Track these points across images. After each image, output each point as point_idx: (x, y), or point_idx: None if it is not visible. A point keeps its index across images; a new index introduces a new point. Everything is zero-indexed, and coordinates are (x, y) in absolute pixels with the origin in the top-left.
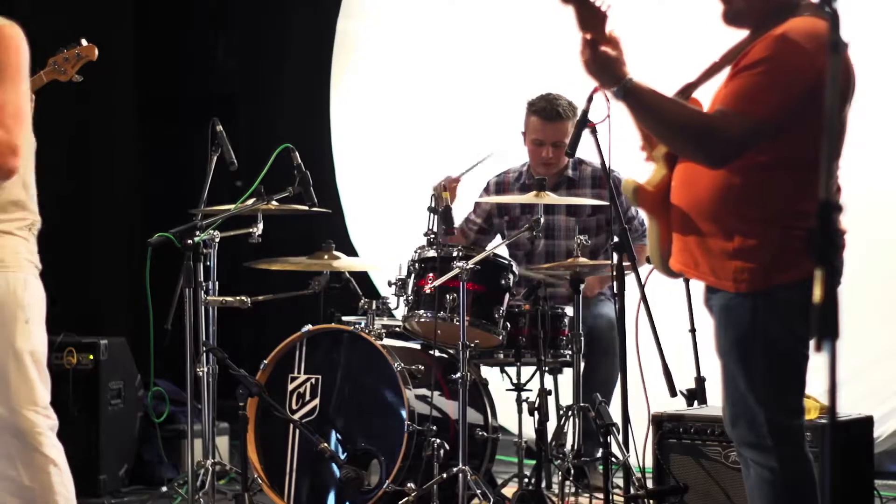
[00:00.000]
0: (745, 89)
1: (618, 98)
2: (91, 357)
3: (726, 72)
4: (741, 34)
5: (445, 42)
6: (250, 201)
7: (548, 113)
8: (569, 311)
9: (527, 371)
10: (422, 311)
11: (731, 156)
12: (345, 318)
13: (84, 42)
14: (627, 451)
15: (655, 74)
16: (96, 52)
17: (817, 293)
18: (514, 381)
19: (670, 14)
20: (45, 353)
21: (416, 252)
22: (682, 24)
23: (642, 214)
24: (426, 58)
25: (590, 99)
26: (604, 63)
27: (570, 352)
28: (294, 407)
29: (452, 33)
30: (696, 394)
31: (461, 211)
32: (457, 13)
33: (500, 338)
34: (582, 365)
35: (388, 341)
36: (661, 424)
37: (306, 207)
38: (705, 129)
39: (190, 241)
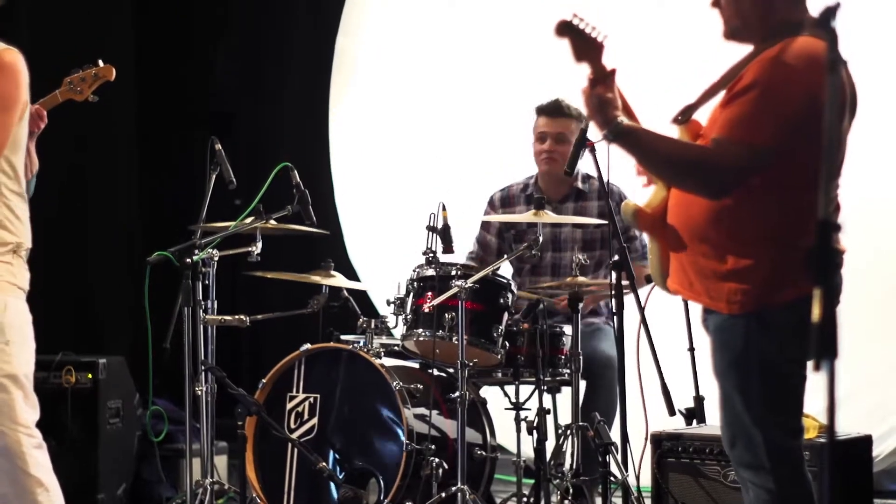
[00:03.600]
0: (739, 116)
1: (608, 140)
2: (90, 376)
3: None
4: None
5: (444, 61)
6: (249, 220)
7: (552, 109)
8: (567, 329)
9: (525, 390)
10: (420, 330)
11: (730, 187)
12: (343, 337)
13: (101, 62)
14: (626, 471)
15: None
16: (114, 72)
17: (816, 312)
18: (513, 400)
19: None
20: (29, 374)
21: (414, 271)
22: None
23: (644, 235)
24: (425, 76)
25: (588, 118)
26: (596, 105)
27: (568, 371)
28: (293, 426)
29: (451, 52)
30: (695, 413)
31: (461, 229)
32: (455, 32)
33: (499, 357)
34: (582, 384)
35: (386, 360)
36: (660, 443)
37: (305, 226)
38: (701, 163)
39: (189, 260)
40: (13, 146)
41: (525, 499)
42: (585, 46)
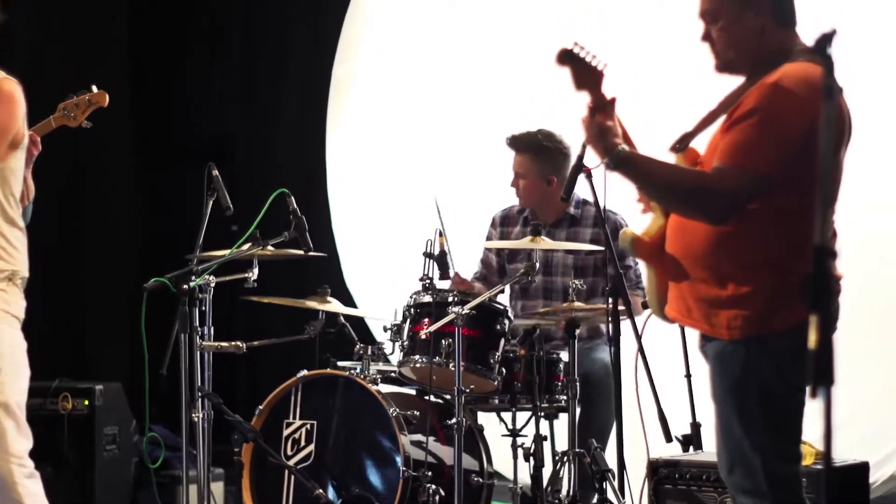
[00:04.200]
0: (740, 142)
1: (609, 168)
2: (86, 402)
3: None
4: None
5: (440, 87)
6: (246, 246)
7: (513, 142)
8: (564, 355)
9: (522, 416)
10: (417, 357)
11: (730, 212)
12: (340, 364)
13: (94, 88)
14: (623, 497)
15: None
16: (107, 98)
17: (812, 339)
18: (510, 426)
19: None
20: (22, 402)
21: (411, 297)
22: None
23: (641, 266)
24: (421, 102)
25: (584, 144)
26: (597, 133)
27: (565, 397)
28: (289, 453)
29: (447, 78)
30: (692, 439)
31: (458, 255)
32: (450, 59)
33: (496, 383)
34: (578, 410)
35: (383, 387)
36: (657, 470)
37: (302, 252)
38: (702, 188)
39: (185, 286)
40: (9, 174)
41: None
42: (586, 75)
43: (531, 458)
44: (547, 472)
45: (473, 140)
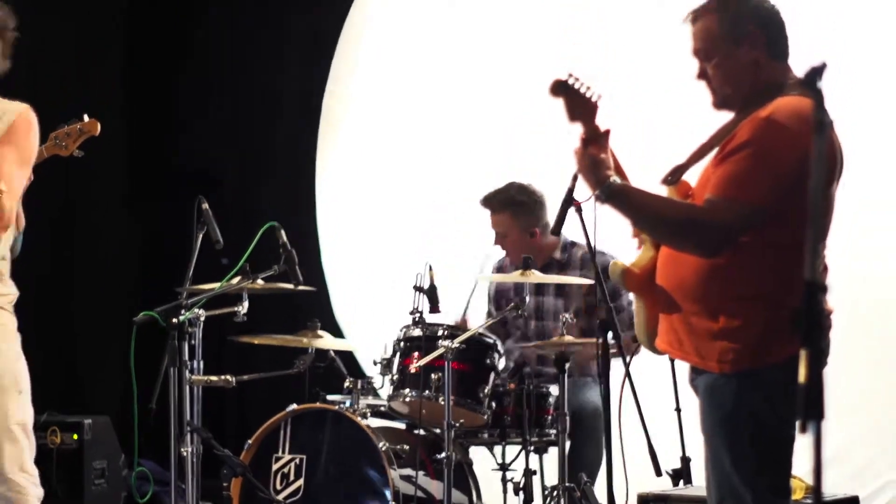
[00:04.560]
0: (732, 174)
1: (600, 201)
2: (75, 436)
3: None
4: None
5: (430, 123)
6: (236, 280)
7: (486, 202)
8: (554, 390)
9: (512, 450)
10: (407, 391)
11: (724, 245)
12: (329, 398)
13: (86, 117)
14: None
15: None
16: (99, 127)
17: (802, 374)
18: (500, 460)
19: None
20: (31, 423)
21: (401, 331)
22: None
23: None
24: (411, 139)
25: (575, 177)
26: (589, 166)
27: (555, 431)
28: (279, 487)
29: (436, 112)
30: (682, 473)
31: (447, 290)
32: (439, 95)
33: (486, 417)
34: (567, 444)
35: (373, 421)
36: None
37: (292, 286)
38: (694, 221)
39: (175, 320)
40: None
41: None
42: (580, 107)
43: (521, 493)
44: None
45: (464, 173)
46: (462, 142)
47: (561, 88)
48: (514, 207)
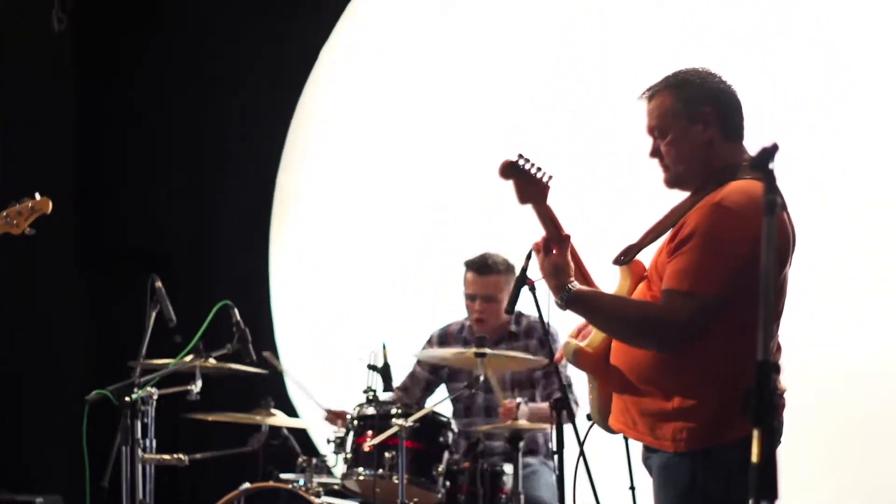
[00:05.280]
0: (688, 266)
1: (560, 306)
2: None
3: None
4: None
5: (382, 200)
6: (189, 358)
7: (479, 267)
8: (508, 468)
9: None
10: (361, 469)
11: (683, 340)
12: (283, 476)
13: (38, 195)
14: None
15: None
16: (50, 205)
17: (755, 453)
18: None
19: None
20: None
21: (354, 409)
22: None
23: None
24: (364, 214)
25: (528, 256)
26: (551, 271)
27: None
28: None
29: (386, 191)
30: None
31: (402, 368)
32: (396, 173)
33: (440, 496)
34: None
35: (326, 499)
36: None
37: (245, 364)
38: (652, 320)
39: (127, 399)
40: None
41: None
42: (531, 188)
43: None
44: None
45: (417, 254)
46: (413, 222)
47: (511, 170)
48: (507, 274)
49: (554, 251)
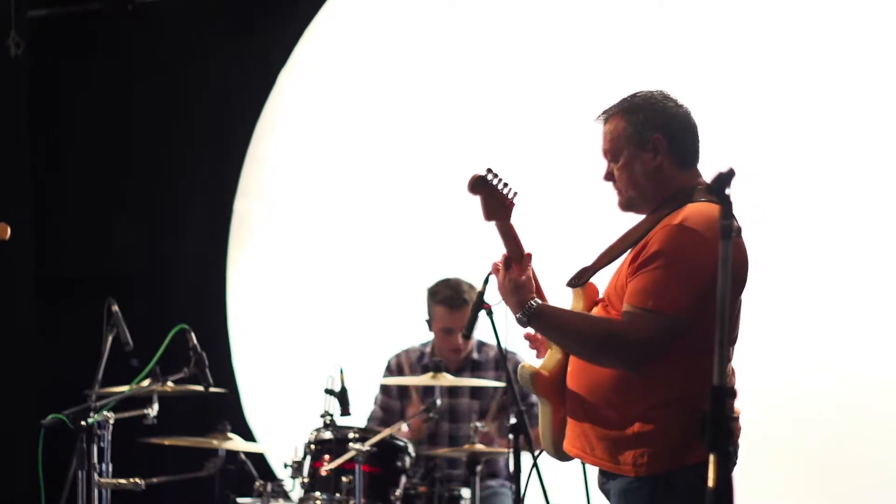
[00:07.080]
0: (652, 285)
1: (522, 324)
2: None
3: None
4: None
5: (338, 225)
6: (146, 382)
7: (453, 301)
8: (465, 492)
9: None
10: (318, 494)
11: (646, 358)
12: (240, 501)
13: None
14: None
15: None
16: (8, 231)
17: (711, 478)
18: None
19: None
20: None
21: (312, 433)
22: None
23: None
24: (321, 238)
25: (486, 281)
26: (511, 289)
27: None
28: None
29: (344, 216)
30: None
31: (359, 392)
32: (352, 198)
33: None
34: None
35: None
36: None
37: (202, 388)
38: (616, 336)
39: (83, 423)
40: None
41: None
42: (496, 205)
43: None
44: None
45: (377, 276)
46: (374, 246)
47: (480, 185)
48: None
49: (514, 269)
